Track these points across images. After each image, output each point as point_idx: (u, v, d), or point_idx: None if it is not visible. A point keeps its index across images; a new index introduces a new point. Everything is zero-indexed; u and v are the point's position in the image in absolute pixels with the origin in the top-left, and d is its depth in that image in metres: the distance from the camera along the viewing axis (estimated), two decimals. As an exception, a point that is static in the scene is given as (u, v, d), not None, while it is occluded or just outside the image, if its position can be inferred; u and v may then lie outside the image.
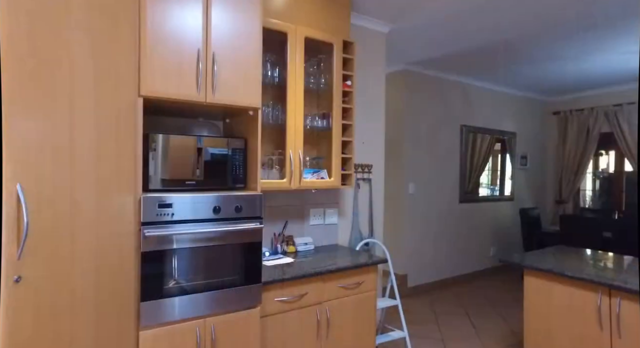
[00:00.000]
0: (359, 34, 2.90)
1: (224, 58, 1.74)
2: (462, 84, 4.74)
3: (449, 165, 4.64)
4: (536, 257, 2.43)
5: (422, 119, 4.37)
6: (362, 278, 2.28)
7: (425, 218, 4.41)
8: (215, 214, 1.70)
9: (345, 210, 2.89)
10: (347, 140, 2.52)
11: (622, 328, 1.86)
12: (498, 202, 5.27)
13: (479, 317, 3.61)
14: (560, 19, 2.91)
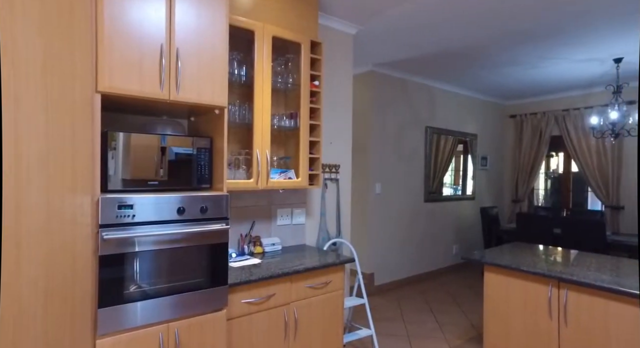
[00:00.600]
0: (327, 35, 2.92)
1: (188, 55, 1.69)
2: (428, 86, 4.88)
3: (414, 166, 4.77)
4: (495, 254, 2.55)
5: (389, 120, 4.46)
6: (330, 278, 2.29)
7: (391, 218, 4.50)
8: (180, 215, 1.65)
9: (313, 210, 2.90)
10: (315, 140, 2.53)
11: (568, 317, 1.99)
12: (460, 202, 5.48)
13: (443, 313, 3.74)
14: (517, 28, 3.07)
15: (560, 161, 5.94)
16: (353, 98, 3.41)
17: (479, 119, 5.68)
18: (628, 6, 2.69)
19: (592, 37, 3.29)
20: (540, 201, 6.20)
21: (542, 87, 5.08)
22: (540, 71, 4.31)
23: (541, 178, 6.13)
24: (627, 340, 1.81)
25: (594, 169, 5.07)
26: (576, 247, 3.80)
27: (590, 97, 5.09)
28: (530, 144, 5.72)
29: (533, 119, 5.71)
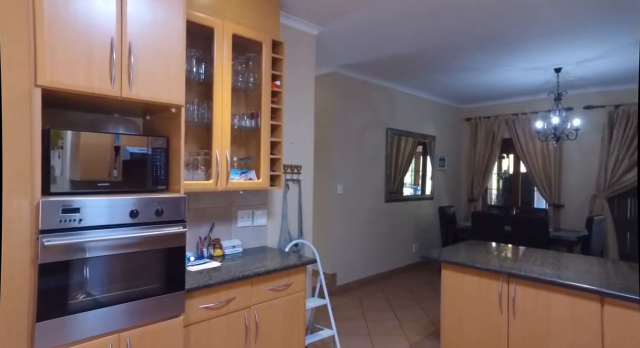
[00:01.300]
0: (289, 35, 2.91)
1: (142, 50, 1.61)
2: (388, 88, 4.99)
3: (375, 166, 4.86)
4: (451, 252, 2.65)
5: (350, 121, 4.52)
6: (291, 279, 2.27)
7: (353, 218, 4.56)
8: (133, 218, 1.56)
9: (275, 211, 2.87)
10: (276, 140, 2.50)
11: (516, 310, 2.11)
12: (420, 201, 5.65)
13: (403, 310, 3.83)
14: (470, 35, 3.22)
15: (511, 162, 6.29)
16: (315, 99, 3.43)
17: (437, 122, 5.90)
18: (563, 22, 2.91)
19: (534, 47, 3.51)
20: (493, 200, 6.53)
21: (494, 92, 5.36)
22: (492, 77, 4.55)
23: (494, 178, 6.47)
24: (565, 327, 1.94)
25: (539, 169, 5.42)
26: (524, 243, 4.04)
27: (536, 103, 5.44)
28: (484, 146, 6.02)
29: (486, 122, 6.01)
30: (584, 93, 5.04)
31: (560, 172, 5.27)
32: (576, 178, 5.19)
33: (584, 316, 1.89)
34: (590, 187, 5.05)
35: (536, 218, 4.23)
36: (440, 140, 5.96)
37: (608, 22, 2.93)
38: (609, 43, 3.39)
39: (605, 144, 4.91)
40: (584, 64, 3.97)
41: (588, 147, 5.07)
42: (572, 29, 3.08)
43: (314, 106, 3.22)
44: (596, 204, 4.93)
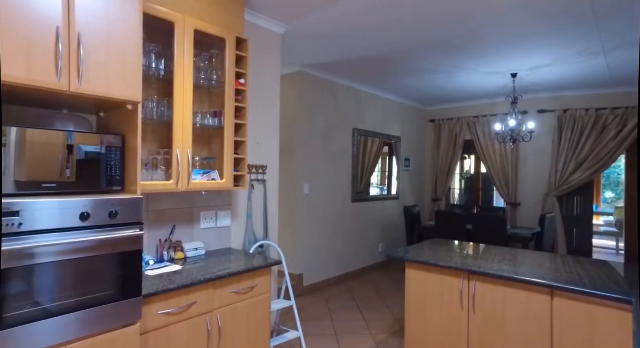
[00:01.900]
0: (254, 33, 2.86)
1: (94, 41, 1.52)
2: (355, 89, 5.04)
3: (342, 167, 4.89)
4: (416, 251, 2.70)
5: (317, 121, 4.51)
6: (256, 281, 2.23)
7: (320, 218, 4.56)
8: (83, 222, 1.47)
9: (239, 212, 2.81)
10: (241, 140, 2.45)
11: (476, 305, 2.18)
12: (386, 201, 5.75)
13: (369, 309, 3.87)
14: (433, 39, 3.30)
15: (472, 163, 6.54)
16: (281, 98, 3.39)
17: (403, 123, 6.02)
18: (518, 30, 3.05)
19: (492, 53, 3.67)
20: (456, 199, 6.76)
21: (457, 95, 5.55)
22: (455, 80, 4.70)
23: (457, 178, 6.70)
24: (519, 320, 2.03)
25: (498, 170, 5.67)
26: (484, 240, 4.20)
27: (495, 106, 5.69)
28: (448, 147, 6.22)
29: (450, 124, 6.21)
30: (538, 98, 5.33)
31: (517, 173, 5.54)
32: (531, 179, 5.47)
33: (536, 308, 1.98)
34: (543, 187, 5.34)
35: (495, 216, 4.42)
36: (406, 141, 6.09)
37: (558, 32, 3.10)
38: (558, 52, 3.60)
39: (556, 146, 5.22)
40: (537, 70, 4.19)
41: (541, 149, 5.36)
42: (526, 36, 3.24)
43: (281, 106, 3.19)
44: (548, 203, 5.22)
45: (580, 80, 4.61)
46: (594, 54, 3.65)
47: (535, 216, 5.29)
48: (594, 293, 1.79)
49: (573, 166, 5.09)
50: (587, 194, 5.25)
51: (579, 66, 4.03)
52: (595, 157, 5.01)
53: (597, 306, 1.81)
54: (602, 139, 4.99)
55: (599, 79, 4.53)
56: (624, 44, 3.38)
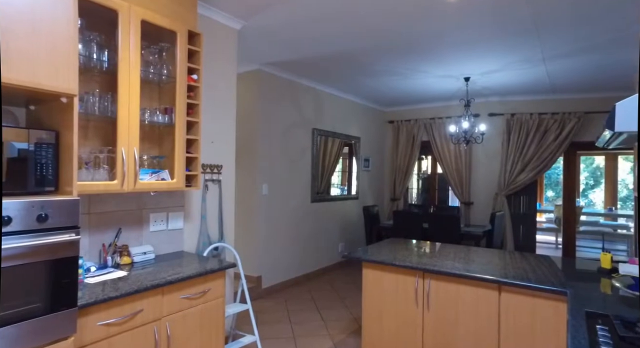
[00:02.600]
0: (209, 27, 2.75)
1: (16, 24, 1.36)
2: (315, 89, 5.02)
3: (301, 167, 4.85)
4: (373, 250, 2.72)
5: (276, 120, 4.45)
6: (208, 286, 2.14)
7: (279, 219, 4.49)
8: (5, 227, 1.32)
9: (193, 213, 2.69)
10: (193, 138, 2.34)
11: (430, 303, 2.23)
12: (346, 201, 5.78)
13: (328, 310, 3.87)
14: (389, 40, 3.36)
15: (429, 164, 6.76)
16: (239, 97, 3.30)
17: (362, 123, 6.09)
18: (470, 35, 3.18)
19: (447, 57, 3.80)
20: (413, 199, 6.96)
21: (414, 96, 5.70)
22: (412, 82, 4.82)
23: (414, 178, 6.89)
24: (470, 315, 2.10)
25: (453, 170, 5.89)
26: (440, 238, 4.34)
27: (450, 109, 5.91)
28: (406, 147, 6.38)
29: (407, 125, 6.37)
30: (488, 101, 5.60)
31: (470, 173, 5.79)
32: (483, 179, 5.73)
33: (485, 303, 2.06)
34: (493, 186, 5.62)
35: (450, 215, 4.58)
36: (365, 141, 6.17)
37: (504, 40, 3.26)
38: (505, 58, 3.80)
39: (504, 148, 5.51)
40: (487, 75, 4.40)
41: (492, 151, 5.64)
42: (477, 43, 3.38)
43: (237, 104, 3.10)
44: (498, 201, 5.50)
45: (524, 86, 4.89)
46: (535, 61, 3.88)
47: (486, 214, 5.55)
48: (534, 286, 1.88)
49: (520, 167, 5.40)
50: (532, 193, 5.59)
51: (524, 72, 4.27)
52: (538, 159, 5.34)
53: (538, 298, 1.90)
54: (544, 142, 5.34)
55: (540, 85, 4.84)
56: (562, 54, 3.62)
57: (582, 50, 3.51)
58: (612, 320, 1.42)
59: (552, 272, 2.14)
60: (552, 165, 5.43)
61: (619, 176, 8.89)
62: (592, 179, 11.33)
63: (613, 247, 7.38)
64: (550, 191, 11.22)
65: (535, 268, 2.23)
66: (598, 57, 3.70)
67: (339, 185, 5.92)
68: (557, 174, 10.61)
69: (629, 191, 10.26)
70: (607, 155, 8.57)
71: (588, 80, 4.54)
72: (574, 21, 2.90)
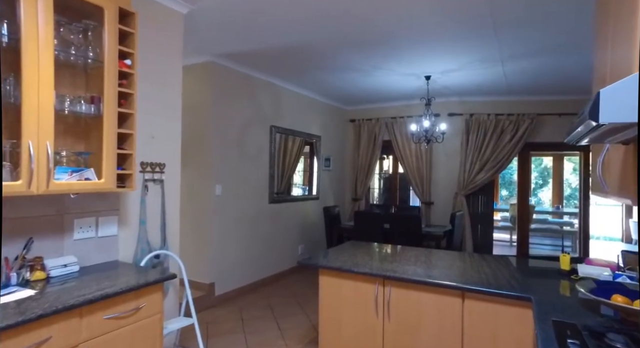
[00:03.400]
0: (148, 8, 2.44)
1: None
2: (273, 84, 4.78)
3: (258, 166, 4.60)
4: (331, 256, 2.54)
5: (231, 116, 4.17)
6: (142, 301, 1.86)
7: (234, 221, 4.21)
8: None
9: (130, 217, 2.38)
10: (127, 132, 2.04)
11: (390, 312, 2.08)
12: (306, 202, 5.59)
13: (286, 317, 3.65)
14: (349, 34, 3.20)
15: (391, 163, 6.73)
16: (189, 90, 3.01)
17: (323, 122, 5.92)
18: (431, 33, 3.10)
19: (407, 54, 3.73)
20: (375, 199, 6.90)
21: (375, 95, 5.61)
22: (373, 79, 4.71)
23: (376, 178, 6.83)
24: (433, 324, 1.97)
25: (414, 170, 5.87)
26: (401, 238, 4.26)
27: (411, 108, 5.88)
28: (367, 147, 6.28)
29: (369, 124, 6.28)
30: (448, 101, 5.62)
31: (431, 172, 5.79)
32: (443, 178, 5.75)
33: (448, 311, 1.94)
34: (453, 186, 5.65)
35: (411, 215, 4.51)
36: (326, 140, 6.00)
37: (464, 38, 3.21)
38: (464, 57, 3.78)
39: (464, 148, 5.56)
40: (447, 74, 4.37)
41: (451, 150, 5.67)
42: (437, 41, 3.34)
43: (188, 98, 2.82)
44: (457, 201, 5.54)
45: (483, 87, 4.94)
46: (493, 61, 3.89)
47: (446, 214, 5.57)
48: (499, 292, 1.78)
49: (478, 166, 5.46)
50: (489, 193, 5.68)
51: (482, 72, 4.29)
52: (495, 159, 5.44)
53: (502, 305, 1.80)
54: (501, 142, 5.44)
55: (497, 86, 4.90)
56: (518, 54, 3.64)
57: (537, 51, 3.54)
58: (580, 331, 1.32)
59: (512, 275, 2.06)
60: (508, 165, 5.56)
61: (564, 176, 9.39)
62: (541, 179, 11.93)
63: (560, 243, 7.76)
64: (504, 190, 11.67)
65: (496, 271, 2.15)
66: (550, 59, 3.77)
67: (301, 185, 5.72)
68: (510, 174, 11.04)
69: (572, 190, 10.94)
70: (554, 156, 9.02)
71: (541, 82, 4.65)
72: (529, 22, 2.91)
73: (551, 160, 9.71)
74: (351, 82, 4.87)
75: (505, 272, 2.14)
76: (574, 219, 8.01)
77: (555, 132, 5.48)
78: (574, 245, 7.21)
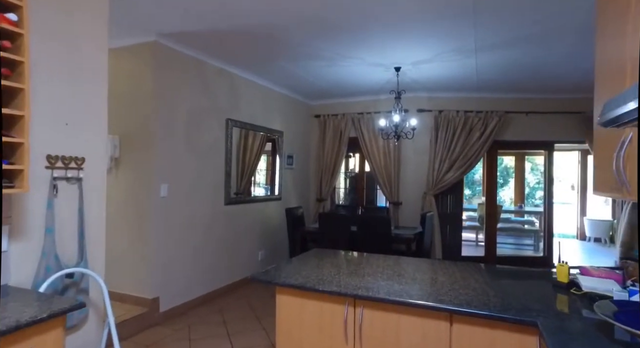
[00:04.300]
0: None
1: None
2: (230, 73, 4.29)
3: (212, 163, 4.10)
4: (290, 268, 2.14)
5: (180, 106, 3.64)
6: (31, 343, 1.35)
7: (183, 226, 3.69)
8: None
9: (29, 226, 1.84)
10: (14, 113, 1.52)
11: (363, 339, 1.71)
12: (267, 203, 5.13)
13: (241, 334, 3.19)
14: (315, 16, 2.81)
15: (357, 161, 6.41)
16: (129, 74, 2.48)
17: (285, 116, 5.49)
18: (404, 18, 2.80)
19: (376, 41, 3.41)
20: (341, 199, 6.56)
21: (341, 88, 5.25)
22: (341, 70, 4.34)
23: (341, 177, 6.50)
24: (417, 355, 1.62)
25: (381, 168, 5.58)
26: (370, 242, 3.92)
27: (379, 103, 5.59)
28: (332, 144, 5.92)
29: (335, 120, 5.92)
30: (417, 97, 5.38)
31: (399, 171, 5.53)
32: (411, 177, 5.51)
33: (433, 337, 1.59)
34: (422, 185, 5.42)
35: (380, 217, 4.19)
36: (289, 136, 5.57)
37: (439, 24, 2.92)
38: (437, 46, 3.52)
39: (433, 146, 5.34)
40: (418, 66, 4.10)
41: (420, 148, 5.43)
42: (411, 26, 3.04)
43: (127, 82, 2.31)
44: (426, 201, 5.31)
45: (453, 81, 4.73)
46: (467, 52, 3.65)
47: (415, 215, 5.32)
48: (497, 316, 1.45)
49: (447, 165, 5.26)
50: (458, 192, 5.51)
51: (454, 65, 4.05)
52: (464, 157, 5.26)
53: (499, 330, 1.48)
54: (470, 140, 5.27)
55: (467, 81, 4.72)
56: (493, 44, 3.41)
57: (511, 41, 3.34)
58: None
59: (505, 290, 1.76)
60: (477, 163, 5.40)
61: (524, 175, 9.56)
62: (502, 178, 12.18)
63: (521, 241, 7.83)
64: (467, 190, 11.78)
65: (484, 286, 1.83)
66: (521, 52, 3.60)
67: (261, 185, 5.26)
68: (472, 173, 11.15)
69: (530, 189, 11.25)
70: (516, 155, 9.13)
71: (510, 78, 4.51)
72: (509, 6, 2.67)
73: (512, 159, 9.85)
74: (316, 73, 4.48)
75: (496, 286, 1.83)
76: (534, 218, 8.13)
77: (521, 131, 5.40)
78: (536, 244, 7.28)
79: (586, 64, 4.05)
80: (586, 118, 5.17)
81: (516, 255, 6.64)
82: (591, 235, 8.21)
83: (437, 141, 5.31)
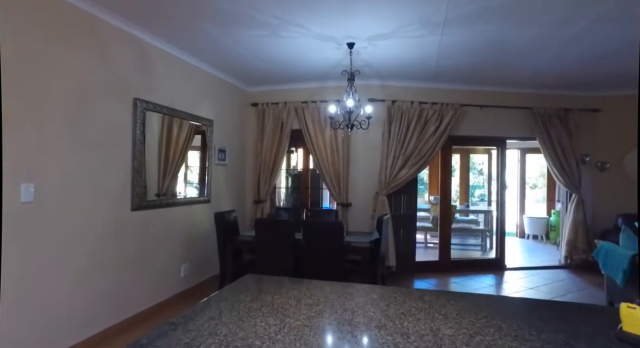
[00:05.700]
0: None
1: None
2: (137, 38, 3.29)
3: (114, 156, 3.09)
4: (204, 322, 1.33)
5: (62, 77, 2.60)
6: None
7: (61, 243, 2.65)
8: None
9: None
10: None
11: None
12: (192, 206, 4.18)
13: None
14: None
15: (300, 157, 5.69)
16: None
17: (216, 103, 4.57)
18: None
19: (327, 4, 2.70)
20: (281, 201, 5.78)
21: (284, 72, 4.49)
22: (283, 43, 3.55)
23: (283, 175, 5.72)
24: None
25: (328, 165, 4.90)
26: (318, 253, 3.21)
27: (326, 91, 4.90)
28: (272, 137, 5.11)
29: (275, 109, 5.12)
30: (369, 85, 4.80)
31: (348, 168, 4.90)
32: (362, 175, 4.91)
33: None
34: (373, 184, 4.85)
35: (331, 223, 3.51)
36: (220, 126, 4.66)
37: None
38: (401, 16, 2.91)
39: (385, 140, 4.79)
40: (374, 42, 3.47)
41: (372, 142, 4.86)
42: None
43: None
44: (379, 202, 4.74)
45: (409, 66, 4.22)
46: (434, 26, 3.09)
47: (365, 217, 4.73)
48: None
49: (401, 161, 4.74)
50: (412, 192, 5.03)
51: (415, 44, 3.49)
52: (419, 153, 4.79)
53: None
54: (425, 134, 4.81)
55: (424, 67, 4.24)
56: (465, 14, 2.88)
57: (484, 11, 2.82)
58: None
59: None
60: (432, 159, 4.96)
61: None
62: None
63: (466, 241, 7.68)
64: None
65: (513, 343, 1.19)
66: (488, 28, 3.13)
67: (197, 184, 4.32)
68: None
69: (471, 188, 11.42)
70: (461, 152, 9.04)
71: (469, 64, 4.09)
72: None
73: (457, 157, 9.80)
74: (251, 46, 3.65)
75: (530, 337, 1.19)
76: (479, 217, 8.05)
77: (475, 125, 5.08)
78: (483, 243, 7.13)
79: (546, 57, 3.76)
80: (535, 114, 5.00)
81: (468, 258, 6.37)
82: (530, 232, 8.35)
83: (390, 135, 4.77)
